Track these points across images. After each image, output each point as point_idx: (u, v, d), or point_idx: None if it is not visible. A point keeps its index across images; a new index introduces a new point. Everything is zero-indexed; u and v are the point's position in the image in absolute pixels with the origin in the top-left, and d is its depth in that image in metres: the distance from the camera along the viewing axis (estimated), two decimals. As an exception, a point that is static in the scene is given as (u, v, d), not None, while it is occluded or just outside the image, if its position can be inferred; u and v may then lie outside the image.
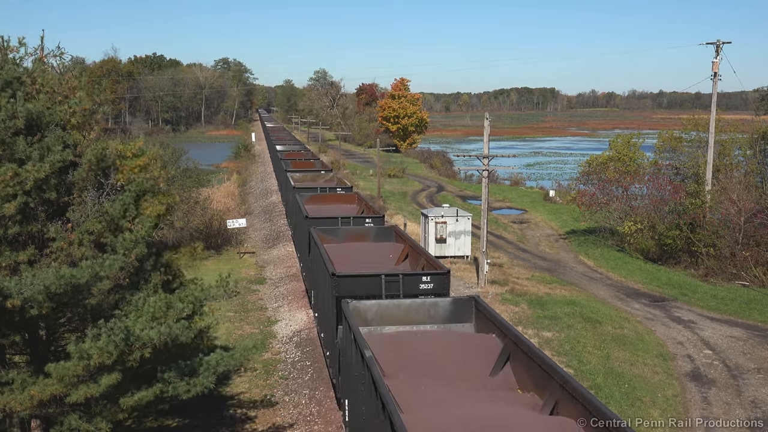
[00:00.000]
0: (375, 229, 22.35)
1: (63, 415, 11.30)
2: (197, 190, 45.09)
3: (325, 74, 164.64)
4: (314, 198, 30.30)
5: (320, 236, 20.84)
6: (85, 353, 9.96)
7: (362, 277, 15.88)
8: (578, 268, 36.88)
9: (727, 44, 36.82)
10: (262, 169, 78.26)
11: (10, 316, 10.67)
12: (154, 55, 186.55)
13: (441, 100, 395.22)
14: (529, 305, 26.69)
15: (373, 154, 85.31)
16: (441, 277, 15.75)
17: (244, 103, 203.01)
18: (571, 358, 21.27)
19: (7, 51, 13.18)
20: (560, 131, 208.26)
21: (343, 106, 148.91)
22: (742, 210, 33.84)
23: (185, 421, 17.07)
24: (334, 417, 17.20)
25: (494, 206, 56.54)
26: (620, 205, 41.59)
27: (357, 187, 54.37)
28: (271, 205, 53.03)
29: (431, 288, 15.62)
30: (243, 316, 26.77)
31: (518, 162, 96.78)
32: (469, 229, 35.21)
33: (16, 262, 11.56)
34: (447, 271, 16.01)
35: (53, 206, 12.45)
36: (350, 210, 28.53)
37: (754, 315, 27.18)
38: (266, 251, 38.75)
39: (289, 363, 21.57)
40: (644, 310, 28.14)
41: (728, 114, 70.53)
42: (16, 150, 11.71)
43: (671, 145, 45.90)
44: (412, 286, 15.67)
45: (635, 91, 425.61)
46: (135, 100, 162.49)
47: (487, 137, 30.64)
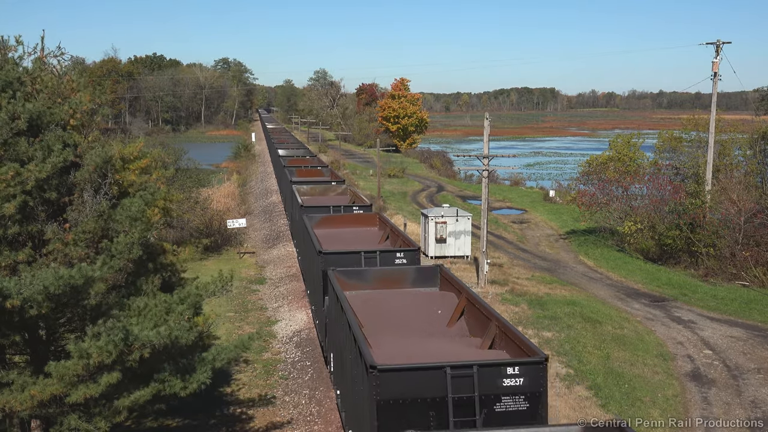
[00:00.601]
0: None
1: (63, 415, 11.30)
2: (197, 190, 45.12)
3: (325, 74, 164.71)
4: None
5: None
6: (84, 352, 9.96)
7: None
8: (578, 268, 36.88)
9: (727, 44, 36.84)
10: (262, 169, 78.26)
11: (10, 316, 10.67)
12: (154, 55, 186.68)
13: (441, 100, 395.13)
14: (529, 305, 26.68)
15: (373, 154, 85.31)
16: None
17: (244, 103, 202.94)
18: (571, 358, 21.27)
19: (7, 51, 13.17)
20: (560, 131, 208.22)
21: (343, 106, 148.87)
22: (742, 210, 33.84)
23: (185, 421, 17.07)
24: (334, 417, 17.19)
25: (494, 206, 56.54)
26: (620, 205, 41.60)
27: (357, 187, 54.38)
28: (271, 205, 53.02)
29: None
30: (243, 316, 26.77)
31: (518, 162, 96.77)
32: (469, 229, 35.21)
33: (15, 262, 11.56)
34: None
35: (53, 206, 12.46)
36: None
37: (754, 315, 27.18)
38: (266, 251, 38.75)
39: (289, 363, 21.58)
40: (644, 310, 28.14)
41: (728, 114, 70.53)
42: (18, 150, 11.72)
43: (671, 145, 45.89)
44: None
45: (635, 91, 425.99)
46: (135, 100, 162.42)
47: (487, 137, 30.65)
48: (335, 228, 24.67)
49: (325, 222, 25.24)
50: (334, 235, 23.34)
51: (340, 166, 74.60)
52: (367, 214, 27.12)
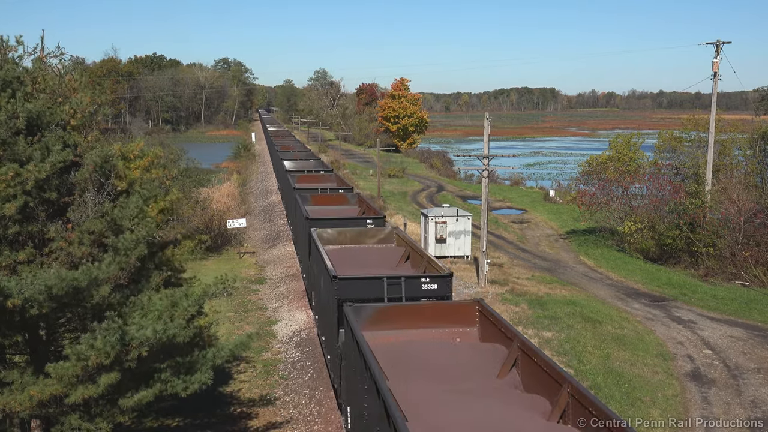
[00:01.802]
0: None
1: (63, 415, 11.30)
2: (197, 189, 45.12)
3: (325, 74, 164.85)
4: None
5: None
6: (82, 355, 9.95)
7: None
8: (578, 268, 36.89)
9: (727, 44, 36.85)
10: (262, 169, 78.25)
11: (11, 316, 10.67)
12: (154, 55, 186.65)
13: (441, 100, 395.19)
14: (529, 305, 26.69)
15: (373, 154, 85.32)
16: None
17: (244, 103, 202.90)
18: (571, 358, 21.27)
19: (7, 51, 13.18)
20: (560, 131, 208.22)
21: (343, 106, 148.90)
22: (742, 210, 33.85)
23: (185, 420, 17.08)
24: (334, 417, 17.20)
25: (494, 206, 56.54)
26: (620, 205, 41.61)
27: (357, 187, 54.33)
28: (271, 205, 53.02)
29: None
30: (243, 316, 26.78)
31: (518, 162, 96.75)
32: (469, 229, 35.22)
33: (15, 262, 11.56)
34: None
35: (53, 206, 12.46)
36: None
37: (754, 315, 27.18)
38: (266, 251, 38.76)
39: (289, 363, 21.58)
40: (644, 310, 28.15)
41: (728, 114, 70.54)
42: (17, 150, 11.72)
43: (671, 145, 45.91)
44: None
45: (635, 91, 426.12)
46: (135, 100, 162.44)
47: (487, 137, 30.65)
48: None
49: None
50: None
51: (340, 166, 74.63)
52: None
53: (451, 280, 15.62)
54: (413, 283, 15.56)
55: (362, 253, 20.40)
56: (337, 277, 15.61)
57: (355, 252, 20.44)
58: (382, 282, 15.47)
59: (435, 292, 15.40)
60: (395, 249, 20.61)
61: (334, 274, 15.78)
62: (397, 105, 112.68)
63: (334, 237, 21.33)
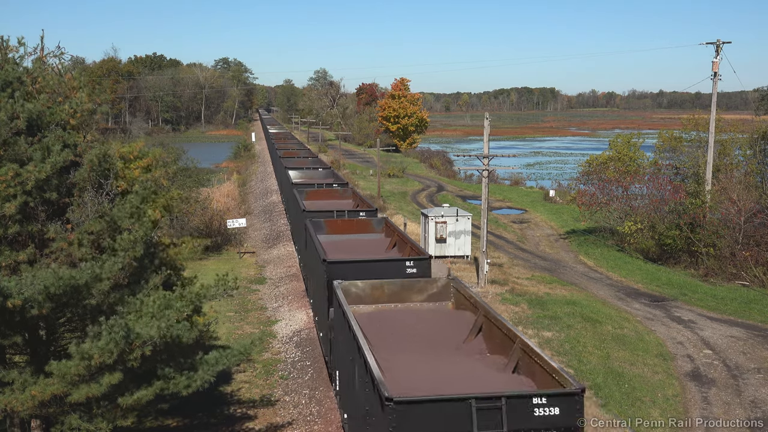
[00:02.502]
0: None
1: (63, 415, 11.30)
2: (197, 189, 45.12)
3: (325, 74, 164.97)
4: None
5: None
6: (86, 354, 9.95)
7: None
8: (578, 267, 36.88)
9: (727, 44, 36.85)
10: (262, 169, 78.25)
11: (11, 316, 10.67)
12: (154, 54, 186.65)
13: (441, 100, 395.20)
14: (529, 305, 26.69)
15: (373, 154, 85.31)
16: None
17: (244, 103, 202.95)
18: (571, 358, 21.27)
19: (7, 51, 13.18)
20: (560, 131, 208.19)
21: (343, 106, 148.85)
22: (742, 210, 33.85)
23: (185, 420, 17.07)
24: (334, 417, 17.19)
25: (494, 206, 56.54)
26: (620, 205, 41.61)
27: (357, 187, 54.33)
28: (271, 205, 53.02)
29: None
30: (243, 316, 26.77)
31: (518, 162, 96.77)
32: (469, 228, 35.21)
33: (15, 262, 11.56)
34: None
35: (53, 206, 12.46)
36: None
37: (754, 315, 27.19)
38: (266, 251, 38.76)
39: (289, 363, 21.57)
40: (644, 310, 28.14)
41: (728, 114, 70.59)
42: (17, 150, 11.72)
43: (671, 145, 45.92)
44: None
45: (635, 91, 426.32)
46: (135, 100, 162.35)
47: (487, 137, 30.65)
48: None
49: None
50: None
51: (340, 166, 74.63)
52: None
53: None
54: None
55: None
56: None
57: None
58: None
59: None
60: None
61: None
62: (397, 105, 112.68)
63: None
